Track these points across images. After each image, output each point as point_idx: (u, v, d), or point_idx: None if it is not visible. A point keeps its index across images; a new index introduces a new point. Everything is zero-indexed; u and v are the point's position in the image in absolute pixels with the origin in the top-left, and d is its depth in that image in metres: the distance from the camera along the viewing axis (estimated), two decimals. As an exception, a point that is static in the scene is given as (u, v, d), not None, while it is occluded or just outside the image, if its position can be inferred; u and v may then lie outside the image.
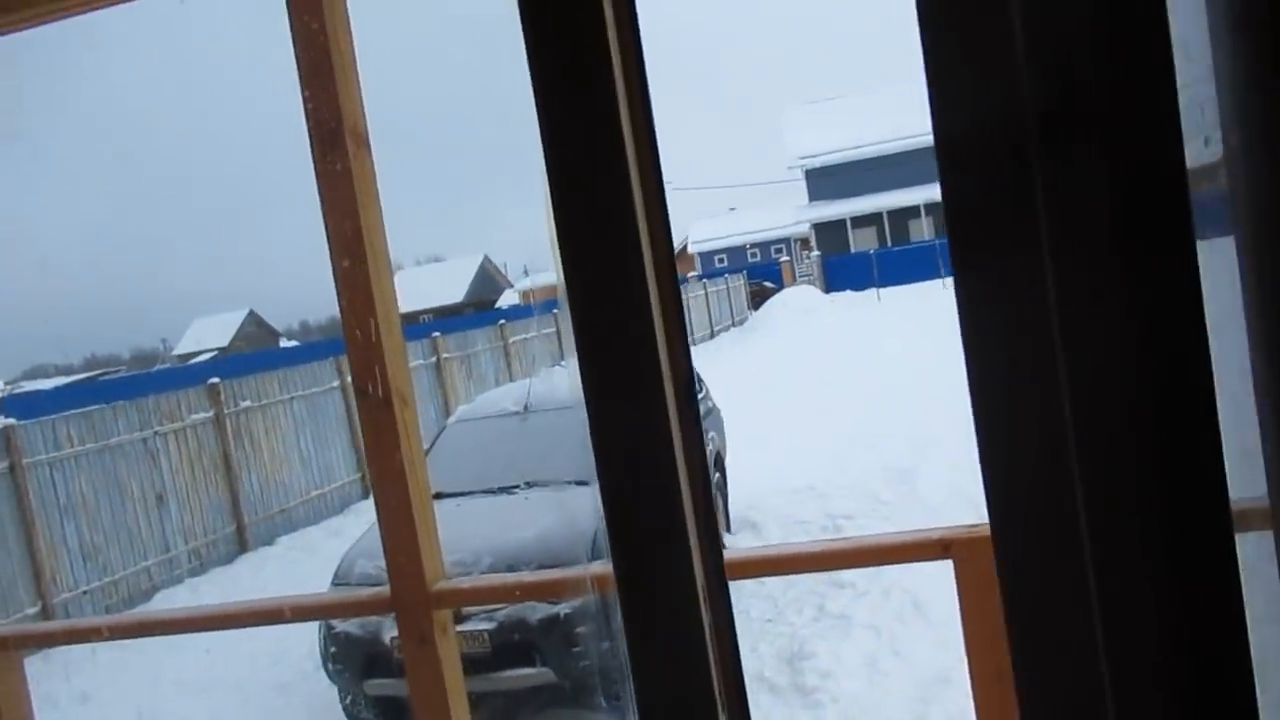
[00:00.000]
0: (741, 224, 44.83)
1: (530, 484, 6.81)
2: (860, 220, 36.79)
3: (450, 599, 2.26)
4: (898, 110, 32.76)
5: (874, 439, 10.33)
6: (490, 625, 5.61)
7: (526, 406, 7.65)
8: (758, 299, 29.84)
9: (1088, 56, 0.60)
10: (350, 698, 6.20)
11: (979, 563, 1.93)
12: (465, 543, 5.69)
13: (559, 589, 4.17)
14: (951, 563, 1.99)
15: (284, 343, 39.39)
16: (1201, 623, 0.63)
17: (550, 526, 6.01)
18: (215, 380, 11.63)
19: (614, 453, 0.81)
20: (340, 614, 5.20)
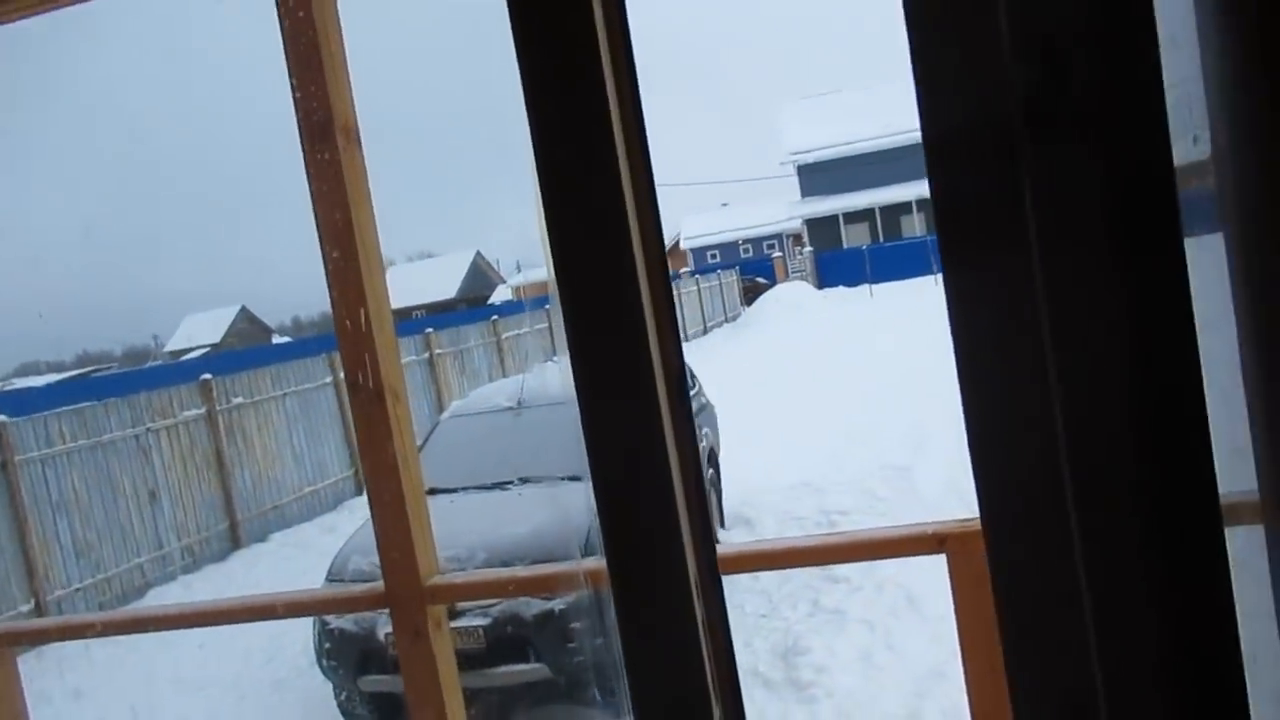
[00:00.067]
0: (734, 219, 44.76)
1: (524, 479, 6.81)
2: (853, 216, 36.79)
3: (444, 594, 2.26)
4: (890, 106, 32.75)
5: (870, 435, 10.35)
6: (485, 621, 5.62)
7: (519, 402, 7.65)
8: (750, 295, 29.83)
9: (1076, 54, 0.60)
10: (345, 694, 6.19)
11: (973, 557, 1.94)
12: (459, 538, 5.69)
13: (553, 584, 4.17)
14: (945, 557, 2.00)
15: (276, 339, 39.29)
16: (1192, 616, 0.63)
17: (544, 522, 6.02)
18: (207, 376, 11.60)
19: (607, 448, 0.81)
20: (334, 610, 5.20)
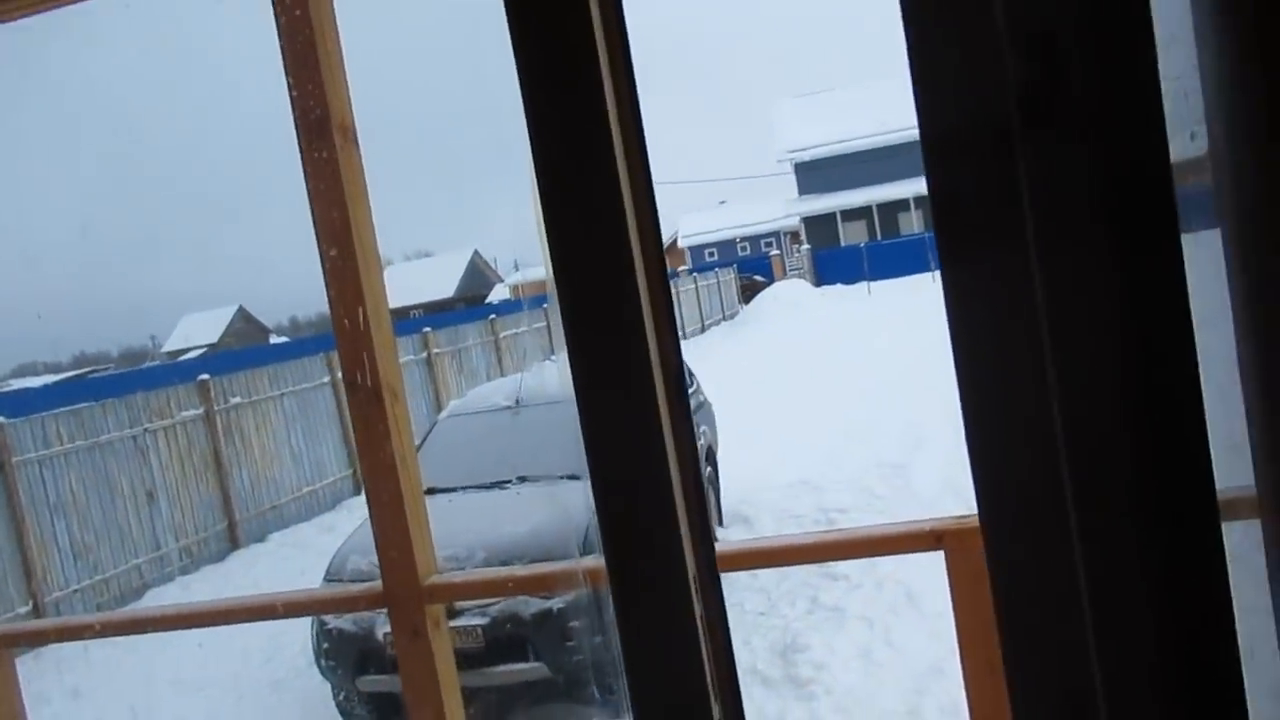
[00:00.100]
0: (731, 218, 44.73)
1: (522, 479, 6.80)
2: (850, 213, 36.79)
3: (443, 593, 2.26)
4: (887, 103, 32.73)
5: (867, 433, 10.34)
6: (483, 620, 5.62)
7: (518, 401, 7.64)
8: (748, 293, 29.83)
9: (1073, 50, 0.60)
10: (344, 694, 6.19)
11: (971, 553, 1.94)
12: (458, 538, 5.69)
13: (552, 583, 4.17)
14: (943, 553, 2.00)
15: (274, 339, 39.25)
16: (1190, 611, 0.63)
17: (542, 521, 6.01)
18: (205, 377, 11.58)
19: (606, 447, 0.82)
20: (333, 609, 5.20)
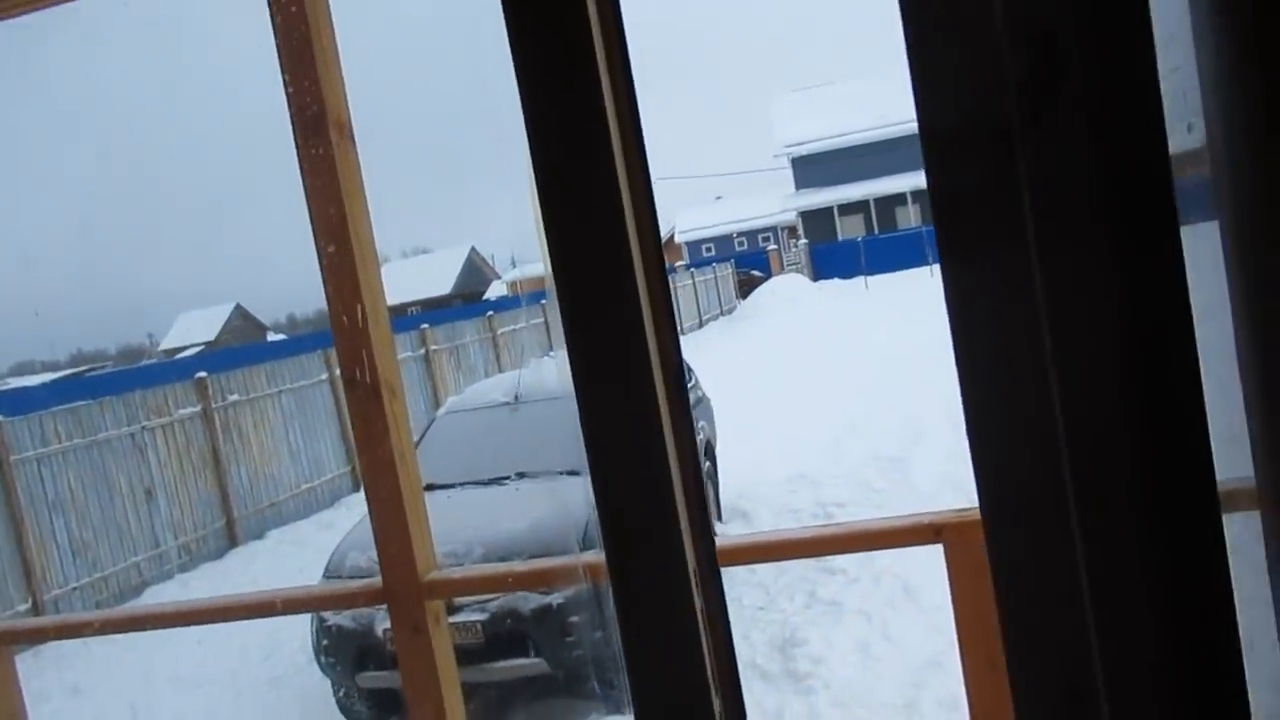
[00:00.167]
0: (728, 213, 44.73)
1: (521, 475, 6.80)
2: (847, 208, 36.78)
3: (442, 589, 2.26)
4: (884, 97, 32.73)
5: (865, 427, 10.35)
6: (483, 616, 5.62)
7: (516, 397, 7.64)
8: (746, 288, 29.85)
9: (1072, 49, 0.60)
10: (343, 691, 6.20)
11: (970, 547, 1.94)
12: (457, 534, 5.69)
13: (551, 579, 4.18)
14: (942, 547, 2.00)
15: (271, 336, 39.24)
16: (1190, 603, 0.63)
17: (542, 517, 6.01)
18: (203, 374, 11.58)
19: (604, 442, 0.82)
20: (332, 605, 5.20)
